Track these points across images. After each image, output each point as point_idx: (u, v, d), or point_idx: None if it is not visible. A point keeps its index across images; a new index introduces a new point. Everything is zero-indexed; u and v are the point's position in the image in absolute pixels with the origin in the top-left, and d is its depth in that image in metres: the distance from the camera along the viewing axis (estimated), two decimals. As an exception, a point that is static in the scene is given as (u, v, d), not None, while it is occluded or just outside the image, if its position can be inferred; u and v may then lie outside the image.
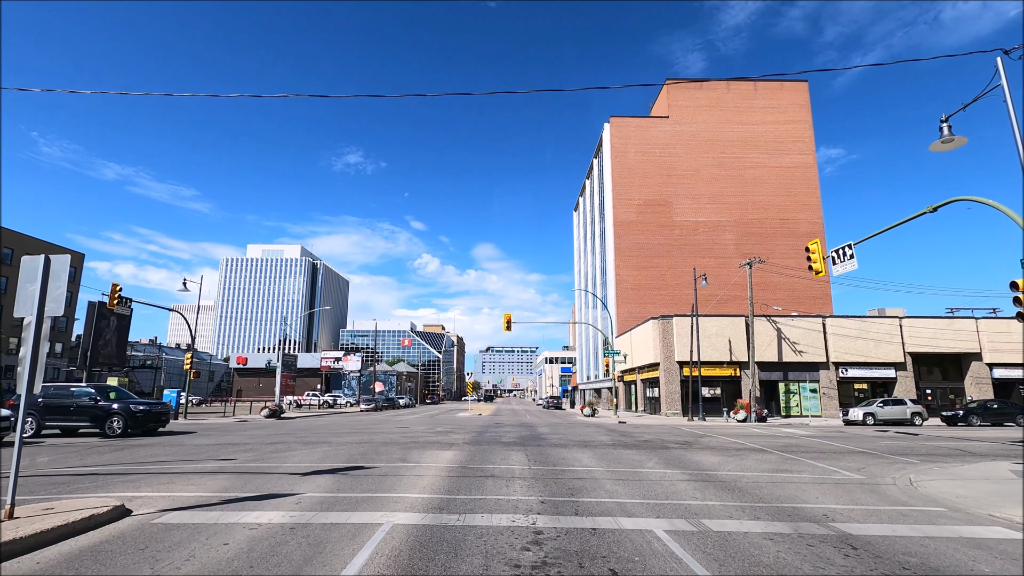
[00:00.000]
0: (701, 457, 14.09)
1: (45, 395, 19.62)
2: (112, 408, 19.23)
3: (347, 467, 11.50)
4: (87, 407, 19.35)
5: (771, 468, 12.27)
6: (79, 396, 19.67)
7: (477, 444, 16.70)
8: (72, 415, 19.36)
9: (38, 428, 18.77)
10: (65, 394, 19.78)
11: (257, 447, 15.50)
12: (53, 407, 19.41)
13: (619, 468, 11.82)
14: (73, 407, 19.40)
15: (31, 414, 18.97)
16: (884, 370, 39.75)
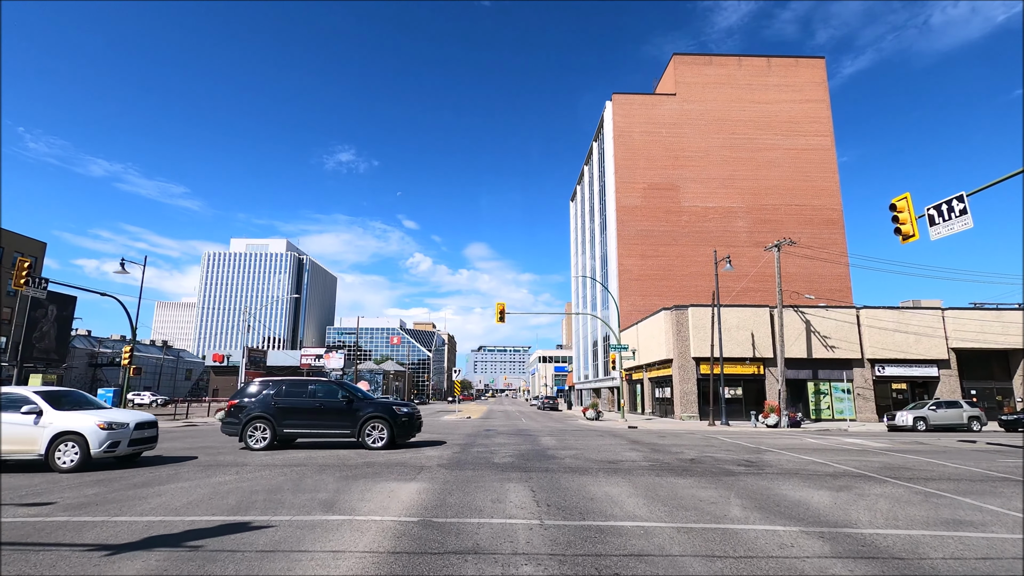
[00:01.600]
0: (796, 492, 9.25)
1: (278, 392, 15.08)
2: (370, 412, 14.86)
3: (223, 524, 6.53)
4: (338, 409, 14.92)
5: (929, 517, 7.44)
6: (326, 395, 15.20)
7: (458, 467, 11.73)
8: (317, 419, 14.88)
9: (272, 437, 14.82)
10: (304, 392, 15.18)
11: (124, 476, 10.48)
12: (293, 409, 14.91)
13: (693, 523, 6.93)
14: (319, 408, 14.93)
15: (264, 418, 14.90)
16: (925, 368, 35.21)
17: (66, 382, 66.16)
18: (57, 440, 10.86)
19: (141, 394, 60.72)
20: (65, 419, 11.03)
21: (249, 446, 14.82)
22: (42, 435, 10.84)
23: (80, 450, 10.86)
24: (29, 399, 11.19)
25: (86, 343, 77.32)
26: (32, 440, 10.81)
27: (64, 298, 41.02)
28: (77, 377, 70.87)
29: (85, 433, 10.90)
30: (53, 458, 10.82)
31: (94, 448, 10.87)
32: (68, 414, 11.16)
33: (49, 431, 10.88)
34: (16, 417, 10.86)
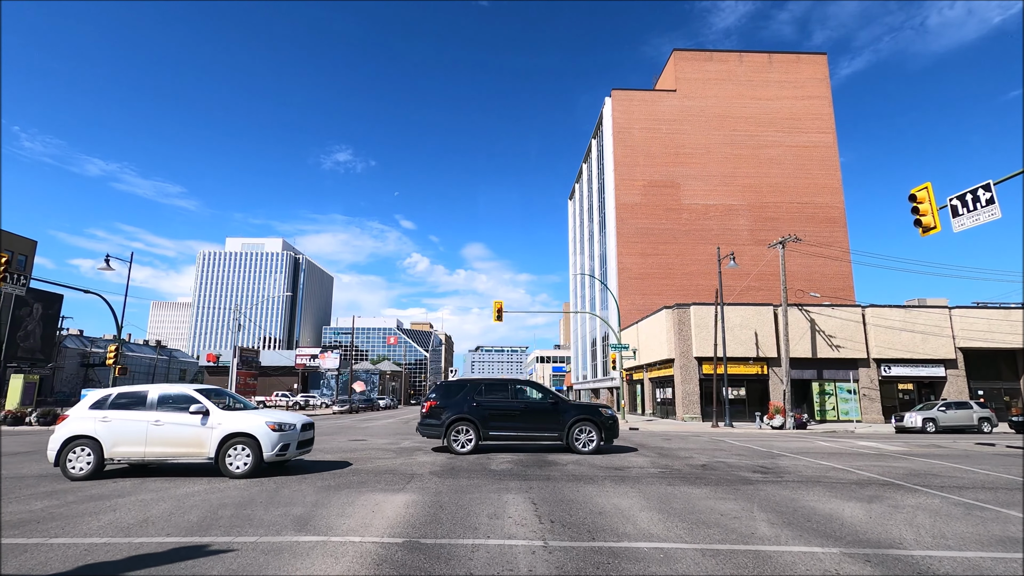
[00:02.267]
0: (825, 504, 8.38)
1: (478, 392, 14.40)
2: (578, 415, 14.12)
3: (175, 548, 5.63)
4: (544, 412, 14.15)
5: (980, 534, 6.59)
6: (530, 396, 14.50)
7: (452, 475, 10.83)
8: (522, 422, 14.12)
9: (477, 439, 14.16)
10: (506, 392, 14.47)
11: (84, 486, 9.54)
12: (497, 411, 14.17)
13: (719, 543, 6.06)
14: (524, 411, 14.16)
15: (468, 420, 14.20)
16: (932, 368, 34.43)
17: (56, 382, 65.03)
18: (227, 443, 10.00)
19: (132, 395, 59.52)
20: (234, 419, 10.11)
21: (452, 449, 14.09)
22: (211, 437, 10.00)
23: (252, 454, 9.99)
24: (194, 398, 10.30)
25: (77, 343, 76.09)
26: (200, 442, 9.98)
27: (50, 296, 40.00)
28: (67, 377, 69.68)
29: (257, 435, 10.01)
30: (224, 462, 9.99)
31: (266, 451, 10.01)
32: (235, 414, 10.26)
33: (218, 432, 10.02)
34: (183, 417, 10.03)
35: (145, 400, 10.25)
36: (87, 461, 9.90)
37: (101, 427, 9.99)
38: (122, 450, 9.96)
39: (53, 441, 10.01)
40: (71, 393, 62.39)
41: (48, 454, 10.02)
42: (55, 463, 9.93)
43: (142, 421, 10.01)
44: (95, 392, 10.63)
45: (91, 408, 10.20)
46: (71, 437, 9.96)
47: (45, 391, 56.61)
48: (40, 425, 25.56)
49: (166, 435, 9.97)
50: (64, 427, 10.09)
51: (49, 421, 26.06)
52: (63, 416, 10.37)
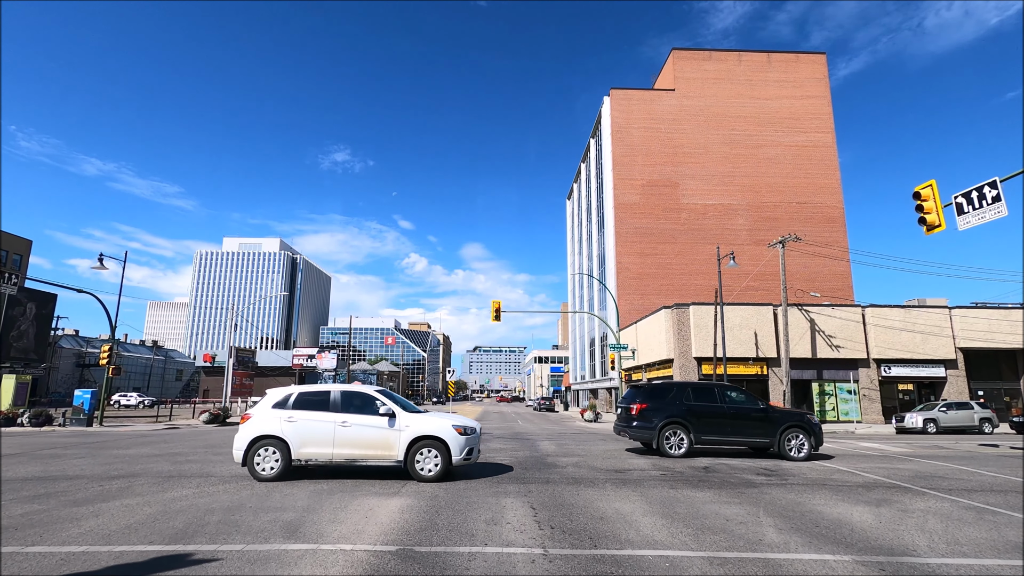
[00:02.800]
0: (832, 508, 8.15)
1: (686, 396, 14.43)
2: (790, 421, 14.01)
3: (157, 557, 5.37)
4: (756, 417, 14.04)
5: (995, 540, 6.36)
6: (740, 401, 14.44)
7: (448, 478, 10.56)
8: (733, 426, 14.01)
9: (689, 444, 14.04)
10: (714, 396, 14.45)
11: (70, 489, 9.25)
12: (709, 415, 14.04)
13: (725, 551, 5.82)
14: (734, 415, 14.05)
15: (680, 424, 14.02)
16: (932, 368, 34.25)
17: (50, 383, 64.57)
18: (415, 445, 9.85)
19: (128, 395, 59.16)
20: (421, 422, 9.99)
21: (665, 452, 13.94)
22: (399, 439, 9.86)
23: (441, 457, 9.82)
24: (379, 399, 10.13)
25: (73, 343, 75.66)
26: (389, 445, 9.85)
27: (44, 296, 39.61)
28: (63, 378, 69.23)
29: (446, 439, 9.86)
30: (413, 465, 9.80)
31: (455, 455, 9.85)
32: (419, 416, 10.14)
33: (406, 435, 9.87)
34: (370, 419, 9.90)
35: (328, 400, 10.10)
36: (275, 461, 9.77)
37: (288, 427, 9.83)
38: (310, 451, 9.82)
39: (239, 440, 9.84)
40: (66, 393, 61.92)
41: (234, 454, 9.86)
42: (242, 463, 9.80)
43: (329, 422, 9.85)
44: (275, 391, 10.40)
45: (274, 408, 10.02)
46: (257, 437, 9.80)
47: (40, 391, 56.15)
48: (32, 426, 25.19)
49: (353, 437, 9.82)
50: (249, 427, 9.89)
51: (41, 422, 25.69)
52: (246, 416, 10.10)
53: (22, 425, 25.15)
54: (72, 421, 26.21)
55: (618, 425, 15.43)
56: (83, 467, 11.70)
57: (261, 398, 35.34)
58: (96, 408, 28.06)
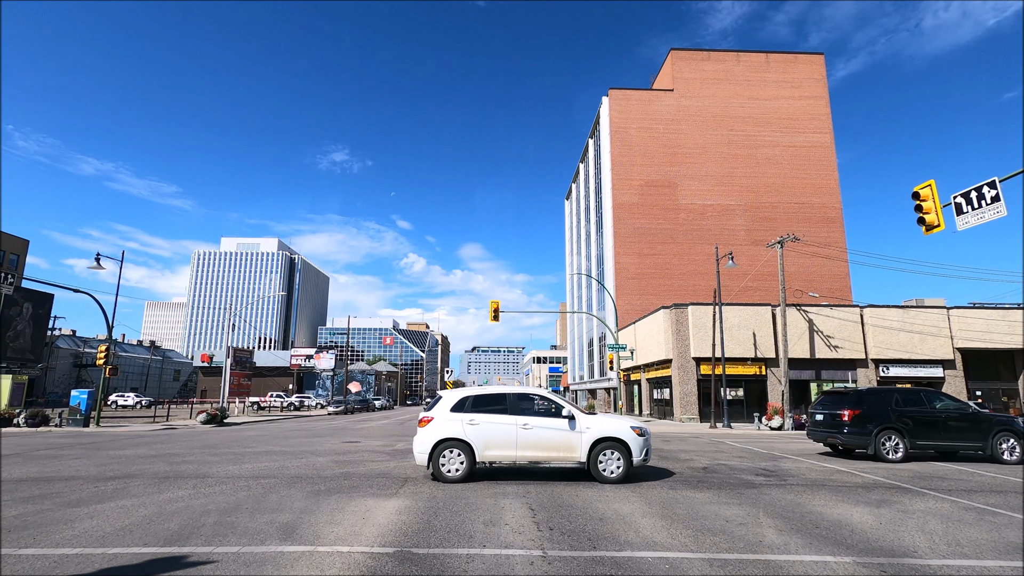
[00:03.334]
0: (832, 509, 8.12)
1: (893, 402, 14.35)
2: (1001, 426, 14.01)
3: (152, 559, 5.31)
4: (968, 421, 14.02)
5: (995, 541, 6.33)
6: (943, 406, 14.47)
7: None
8: (946, 432, 14.14)
9: (905, 449, 13.93)
10: (921, 402, 14.38)
11: (65, 490, 9.18)
12: (921, 420, 14.14)
13: (726, 552, 5.77)
14: (944, 420, 14.06)
15: (895, 430, 13.97)
16: (930, 368, 34.29)
17: (47, 383, 64.36)
18: (596, 447, 9.90)
19: (125, 395, 58.99)
20: (601, 424, 10.04)
21: (882, 456, 13.94)
22: (581, 441, 9.90)
23: (623, 459, 9.88)
24: (556, 401, 10.28)
25: (70, 343, 75.46)
26: (571, 447, 9.90)
27: (41, 296, 39.44)
28: (60, 378, 69.03)
29: (627, 440, 9.93)
30: (596, 467, 9.86)
31: (635, 457, 9.90)
32: (598, 418, 10.19)
33: (588, 437, 9.91)
34: (550, 421, 9.97)
35: (505, 403, 10.20)
36: (460, 463, 9.86)
37: (470, 430, 9.90)
38: (493, 453, 9.91)
39: (422, 444, 9.92)
40: (63, 394, 61.73)
41: (417, 456, 9.98)
42: (427, 465, 9.93)
43: (510, 424, 9.92)
44: (451, 393, 10.45)
45: (452, 411, 10.11)
46: (441, 440, 9.88)
47: (36, 392, 55.96)
48: (29, 427, 25.07)
49: (535, 439, 9.87)
50: (432, 430, 9.97)
51: (38, 423, 25.57)
52: (426, 419, 10.14)
53: (18, 426, 25.03)
54: (69, 422, 26.10)
55: (820, 431, 15.40)
56: (79, 468, 11.63)
57: (260, 398, 35.44)
58: (93, 408, 27.95)
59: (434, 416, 10.10)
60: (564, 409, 10.07)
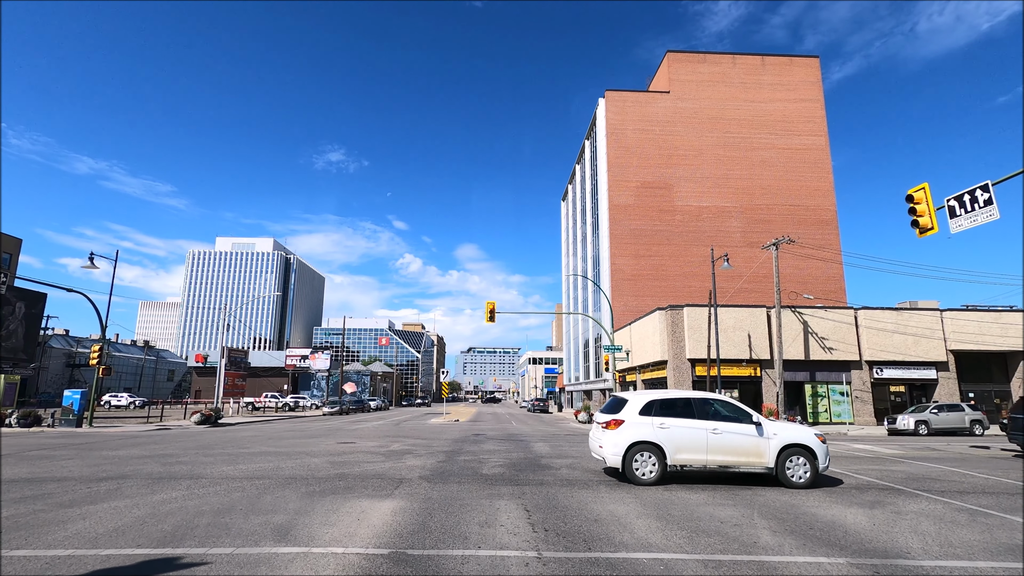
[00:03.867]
0: (826, 510, 8.15)
1: None
2: None
3: (145, 560, 5.28)
4: None
5: (987, 542, 6.37)
6: None
7: (442, 480, 10.51)
8: None
9: None
10: None
11: (57, 491, 9.11)
12: None
13: (720, 553, 5.80)
14: None
15: None
16: (924, 370, 34.47)
17: (40, 383, 63.93)
18: (783, 453, 9.99)
19: (119, 395, 58.62)
20: (787, 431, 10.15)
21: None
22: (768, 447, 10.01)
23: (809, 465, 9.94)
24: (743, 408, 10.39)
25: (63, 343, 75.00)
26: (760, 452, 10.01)
27: (33, 295, 39.19)
28: (52, 378, 68.60)
29: (813, 447, 10.01)
30: (784, 473, 9.93)
31: (820, 463, 9.99)
32: (783, 425, 10.32)
33: (775, 443, 10.02)
34: (739, 427, 10.09)
35: (691, 407, 10.28)
36: (652, 466, 9.95)
37: (661, 433, 10.01)
38: (684, 457, 9.98)
39: (615, 446, 10.04)
40: (56, 394, 61.33)
41: (609, 459, 10.11)
42: (621, 468, 9.99)
43: (700, 429, 10.01)
44: (637, 397, 10.52)
45: (640, 414, 10.20)
46: (634, 443, 9.99)
47: (29, 392, 55.57)
48: (21, 427, 24.90)
49: (725, 444, 9.97)
50: (623, 433, 10.08)
51: (30, 423, 25.40)
52: (615, 421, 10.24)
53: (10, 426, 24.86)
54: (61, 422, 25.94)
55: None
56: (71, 469, 11.56)
57: (255, 399, 35.25)
58: (86, 409, 27.76)
59: (624, 419, 10.22)
60: (752, 415, 10.21)
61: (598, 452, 10.52)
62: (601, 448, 10.31)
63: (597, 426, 10.77)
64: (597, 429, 10.76)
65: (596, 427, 10.88)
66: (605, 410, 10.86)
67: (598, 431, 10.63)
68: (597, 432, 10.70)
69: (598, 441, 10.52)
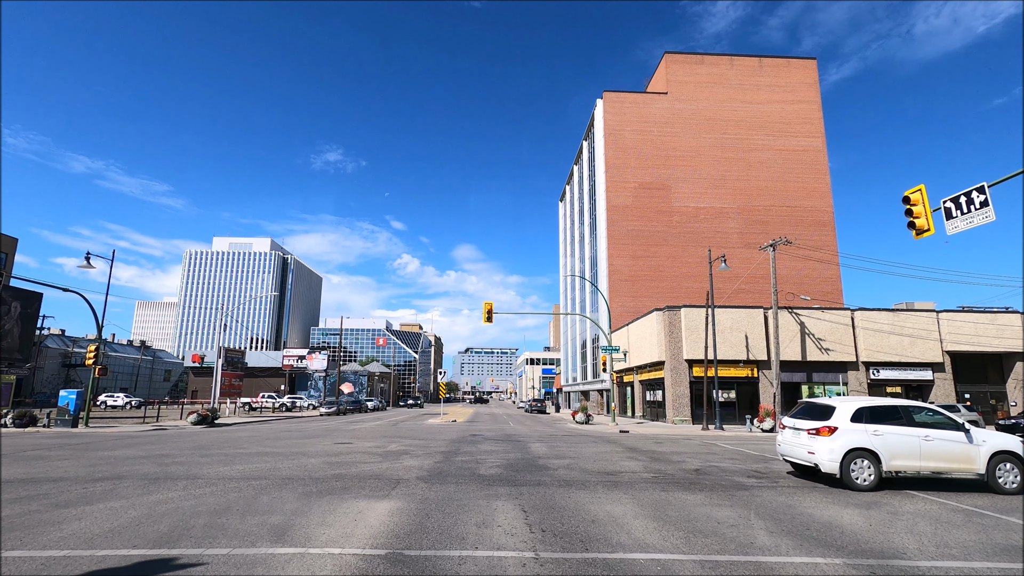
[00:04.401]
0: (823, 511, 8.17)
1: None
2: None
3: (141, 561, 5.26)
4: None
5: (983, 542, 6.39)
6: None
7: (439, 481, 10.50)
8: None
9: None
10: None
11: (52, 491, 9.07)
12: None
13: (717, 554, 5.80)
14: None
15: None
16: (920, 371, 34.60)
17: (36, 383, 63.66)
18: (993, 459, 10.07)
19: (115, 396, 58.38)
20: (994, 437, 10.23)
21: None
22: (978, 454, 10.07)
23: (1019, 472, 10.03)
24: (946, 413, 10.48)
25: (59, 343, 74.66)
26: (970, 459, 10.08)
27: (29, 294, 39.04)
28: (48, 378, 68.28)
29: (1022, 454, 10.11)
30: (995, 479, 10.01)
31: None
32: (989, 432, 10.37)
33: (985, 450, 10.07)
34: (951, 433, 10.15)
35: (899, 414, 10.40)
36: (868, 472, 10.06)
37: (876, 440, 10.12)
38: (898, 463, 10.10)
39: (832, 452, 10.10)
40: (51, 394, 61.02)
41: (826, 464, 10.16)
42: (839, 474, 10.07)
43: (913, 436, 10.11)
44: (846, 404, 10.59)
45: (852, 421, 10.30)
46: (851, 449, 10.09)
47: (24, 392, 55.32)
48: (16, 427, 24.78)
49: (937, 450, 10.06)
50: (839, 439, 10.17)
51: (25, 423, 25.27)
52: (827, 428, 10.33)
53: (5, 426, 24.74)
54: (57, 422, 25.82)
55: None
56: (67, 469, 11.51)
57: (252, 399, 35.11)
58: (82, 409, 27.66)
59: (837, 426, 10.31)
60: (961, 422, 10.26)
61: (805, 458, 10.59)
62: (812, 454, 10.40)
63: (799, 432, 10.86)
64: (798, 435, 10.87)
65: (794, 433, 11.02)
66: (800, 416, 11.13)
67: (803, 437, 10.72)
68: (800, 438, 10.78)
69: (805, 447, 10.59)
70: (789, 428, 11.25)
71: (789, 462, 11.42)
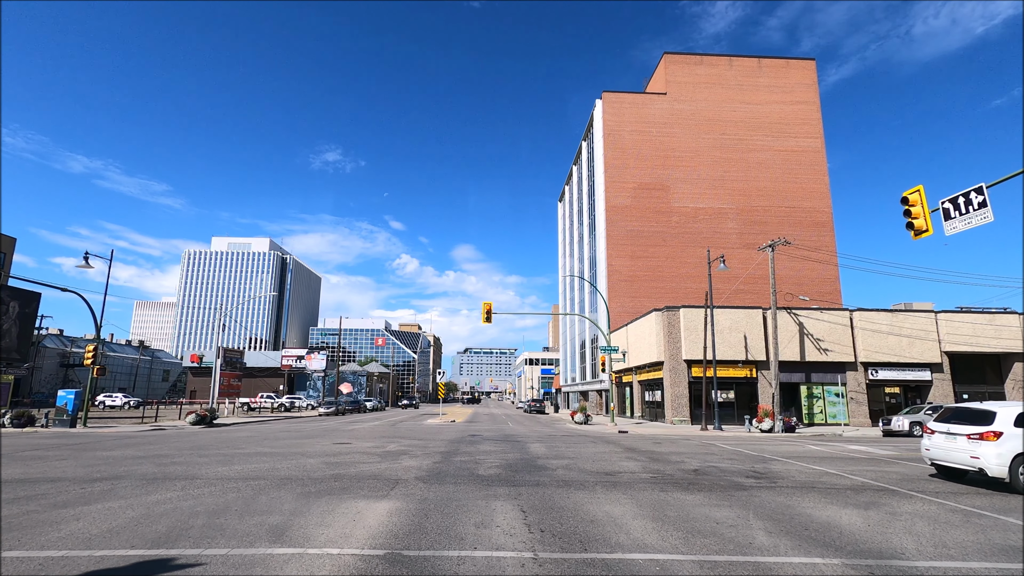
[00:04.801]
0: (821, 511, 8.18)
1: None
2: None
3: (139, 562, 5.25)
4: None
5: (981, 543, 6.41)
6: None
7: (438, 481, 10.50)
8: None
9: None
10: None
11: (51, 492, 9.06)
12: None
13: (716, 554, 5.81)
14: None
15: None
16: (918, 372, 34.63)
17: (34, 383, 63.55)
18: None
19: (113, 396, 58.30)
20: None
21: None
22: None
23: None
24: None
25: (57, 343, 74.49)
26: None
27: (27, 294, 38.92)
28: (46, 378, 68.16)
29: None
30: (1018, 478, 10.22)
31: None
32: None
33: None
34: None
35: None
36: None
37: None
38: None
39: (1000, 457, 10.21)
40: (49, 394, 60.93)
41: (994, 469, 10.21)
42: (1007, 479, 10.15)
43: None
44: (1007, 409, 10.65)
45: (1015, 425, 10.35)
46: (1019, 453, 10.14)
47: (22, 392, 55.20)
48: (14, 427, 24.74)
49: None
50: (1005, 444, 10.25)
51: (24, 423, 25.23)
52: (993, 433, 10.43)
53: (4, 426, 24.71)
54: (55, 422, 25.78)
55: None
56: (65, 469, 11.49)
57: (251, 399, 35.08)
58: (80, 409, 27.61)
59: (1001, 431, 10.41)
60: None
61: (967, 462, 10.70)
62: (975, 459, 10.52)
63: (955, 437, 10.97)
64: (954, 440, 10.98)
65: (948, 438, 11.13)
66: (952, 420, 11.26)
67: (961, 442, 10.83)
68: (958, 443, 10.89)
69: (966, 452, 10.71)
70: (940, 433, 11.38)
71: (936, 465, 11.57)
